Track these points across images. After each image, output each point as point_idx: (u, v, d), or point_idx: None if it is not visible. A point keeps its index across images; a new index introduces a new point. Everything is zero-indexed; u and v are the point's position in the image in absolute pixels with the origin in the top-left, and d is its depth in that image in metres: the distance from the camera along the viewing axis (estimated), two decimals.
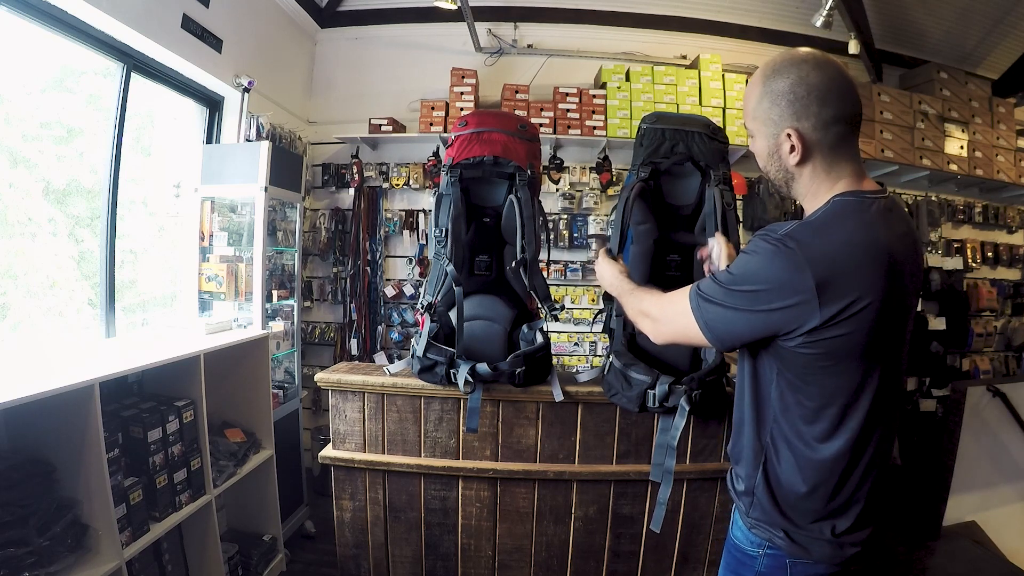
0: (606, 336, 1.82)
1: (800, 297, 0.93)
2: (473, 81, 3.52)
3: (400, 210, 3.75)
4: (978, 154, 3.85)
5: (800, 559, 1.05)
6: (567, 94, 3.49)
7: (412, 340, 1.81)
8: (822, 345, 0.95)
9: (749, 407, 1.11)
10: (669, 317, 1.13)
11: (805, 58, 0.98)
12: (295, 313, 3.02)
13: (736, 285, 1.00)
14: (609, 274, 1.39)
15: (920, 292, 1.03)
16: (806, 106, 0.97)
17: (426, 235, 3.69)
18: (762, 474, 1.08)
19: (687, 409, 1.47)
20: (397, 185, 3.70)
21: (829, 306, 0.92)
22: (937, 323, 3.82)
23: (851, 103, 0.98)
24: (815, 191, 1.03)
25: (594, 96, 3.48)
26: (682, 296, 1.08)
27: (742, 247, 1.42)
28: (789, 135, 0.99)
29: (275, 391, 2.71)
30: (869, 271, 0.93)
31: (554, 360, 2.20)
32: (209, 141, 3.00)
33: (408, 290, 3.73)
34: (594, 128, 3.46)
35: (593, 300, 3.72)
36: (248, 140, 2.98)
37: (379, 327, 3.73)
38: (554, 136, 3.48)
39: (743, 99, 1.08)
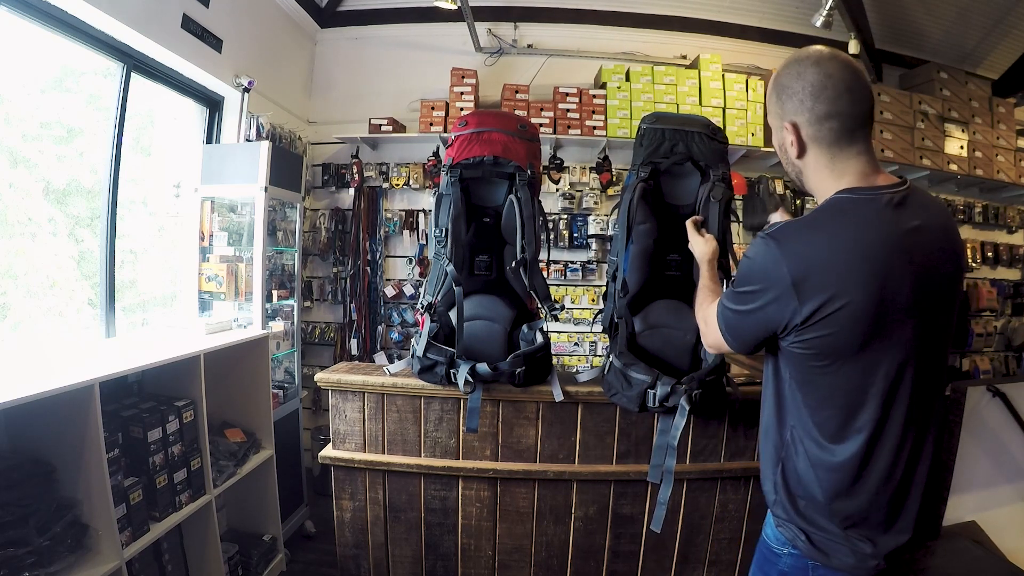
0: (606, 336, 1.82)
1: (779, 292, 0.96)
2: (473, 81, 3.52)
3: (400, 210, 3.75)
4: (978, 154, 3.84)
5: (821, 564, 1.03)
6: (567, 94, 3.49)
7: (412, 340, 1.81)
8: (811, 344, 0.96)
9: (772, 405, 1.11)
10: (711, 327, 1.16)
11: (809, 55, 1.00)
12: (295, 313, 3.02)
13: (738, 286, 1.05)
14: (706, 254, 1.43)
15: (957, 280, 1.01)
16: (801, 101, 0.99)
17: (426, 235, 3.69)
18: (780, 472, 1.08)
19: (687, 409, 1.46)
20: (397, 185, 3.70)
21: (807, 303, 0.93)
22: None
23: (848, 101, 0.96)
24: (821, 187, 1.03)
25: (594, 96, 3.48)
26: (714, 305, 1.15)
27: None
28: (787, 128, 1.02)
29: (275, 391, 2.71)
30: (850, 270, 0.92)
31: (554, 360, 2.20)
32: (209, 141, 3.00)
33: (408, 290, 3.73)
34: (594, 128, 3.46)
35: (593, 300, 3.72)
36: (248, 140, 2.98)
37: (379, 327, 3.74)
38: (554, 136, 3.48)
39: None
